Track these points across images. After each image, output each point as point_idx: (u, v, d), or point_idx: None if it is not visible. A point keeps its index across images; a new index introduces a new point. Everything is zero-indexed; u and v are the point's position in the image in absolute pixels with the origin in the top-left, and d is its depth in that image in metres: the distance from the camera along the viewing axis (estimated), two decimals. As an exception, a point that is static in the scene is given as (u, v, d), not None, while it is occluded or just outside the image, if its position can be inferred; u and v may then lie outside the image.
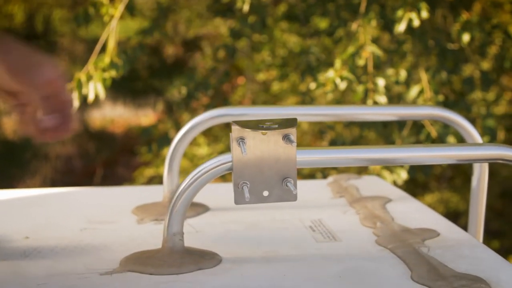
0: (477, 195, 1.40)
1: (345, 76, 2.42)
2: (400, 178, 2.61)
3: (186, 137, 1.37)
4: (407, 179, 2.66)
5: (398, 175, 2.61)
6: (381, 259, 1.06)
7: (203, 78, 3.14)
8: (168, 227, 1.03)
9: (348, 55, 2.47)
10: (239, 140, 0.99)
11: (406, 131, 2.73)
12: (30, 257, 1.09)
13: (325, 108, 1.46)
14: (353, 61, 2.46)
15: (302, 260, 1.06)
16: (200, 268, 1.01)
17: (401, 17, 2.48)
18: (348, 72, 2.43)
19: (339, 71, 2.43)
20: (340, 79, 2.42)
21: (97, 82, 2.49)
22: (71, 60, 5.02)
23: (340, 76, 2.42)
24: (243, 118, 1.38)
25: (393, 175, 2.61)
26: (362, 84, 2.52)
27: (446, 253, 1.08)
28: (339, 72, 2.43)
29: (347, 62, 2.45)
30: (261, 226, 1.27)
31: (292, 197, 1.02)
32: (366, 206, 1.37)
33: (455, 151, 1.04)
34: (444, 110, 1.41)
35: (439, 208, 4.36)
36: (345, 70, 2.43)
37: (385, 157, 1.03)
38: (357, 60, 2.46)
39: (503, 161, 1.02)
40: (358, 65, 2.49)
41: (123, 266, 1.03)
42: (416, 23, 2.45)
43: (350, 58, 2.46)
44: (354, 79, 2.43)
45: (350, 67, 2.45)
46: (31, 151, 5.20)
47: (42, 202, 1.46)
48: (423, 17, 2.46)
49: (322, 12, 3.13)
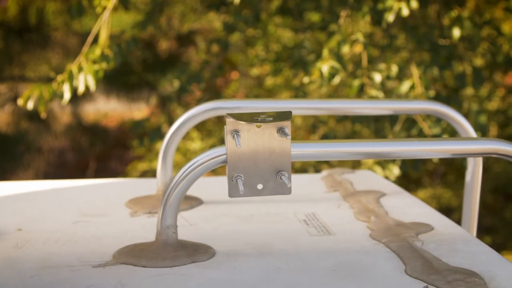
0: (471, 189, 1.40)
1: (332, 65, 2.41)
2: (392, 173, 2.61)
3: (180, 130, 1.36)
4: (399, 175, 2.66)
5: (390, 170, 2.61)
6: (375, 253, 1.06)
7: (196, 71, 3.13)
8: (162, 220, 1.03)
9: (334, 43, 2.46)
10: (234, 133, 0.99)
11: (399, 126, 2.72)
12: (22, 249, 1.09)
13: (319, 101, 1.46)
14: (339, 49, 2.45)
15: (296, 254, 1.06)
16: (194, 261, 1.01)
17: (390, 7, 2.47)
18: (335, 61, 2.42)
19: (326, 60, 2.43)
20: (327, 68, 2.41)
21: (87, 74, 2.47)
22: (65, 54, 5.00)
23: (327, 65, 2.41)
24: (237, 111, 1.37)
25: (385, 170, 2.61)
26: (357, 79, 2.52)
27: (440, 247, 1.08)
28: (326, 61, 2.42)
29: (333, 51, 2.45)
30: (255, 219, 1.27)
31: (287, 190, 1.01)
32: (360, 200, 1.37)
33: (450, 145, 1.04)
34: (439, 104, 1.41)
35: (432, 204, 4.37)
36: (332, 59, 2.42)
37: (381, 150, 1.02)
38: (343, 47, 2.45)
39: (498, 155, 1.02)
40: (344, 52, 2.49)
41: (116, 258, 1.03)
42: (405, 13, 2.44)
43: (336, 46, 2.45)
44: (340, 68, 2.42)
45: (337, 56, 2.44)
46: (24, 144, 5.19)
47: (35, 195, 1.45)
48: (412, 7, 2.45)
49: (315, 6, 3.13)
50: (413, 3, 2.45)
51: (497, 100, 4.22)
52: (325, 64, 2.40)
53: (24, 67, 5.18)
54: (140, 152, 4.61)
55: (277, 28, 3.84)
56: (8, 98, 5.14)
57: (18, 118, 5.15)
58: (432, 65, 2.75)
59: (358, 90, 2.49)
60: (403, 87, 2.61)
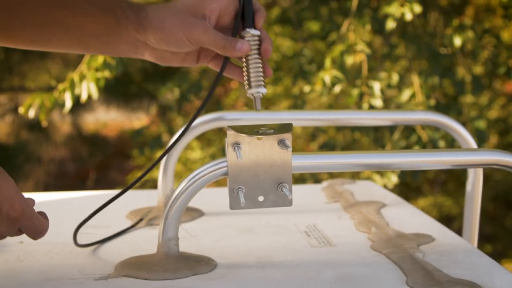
0: (471, 200, 1.40)
1: (335, 75, 2.41)
2: (390, 182, 2.61)
3: (181, 141, 1.36)
4: (398, 183, 2.67)
5: (388, 179, 2.61)
6: (376, 264, 1.06)
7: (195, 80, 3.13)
8: (163, 232, 1.03)
9: (337, 53, 2.46)
10: (234, 145, 0.99)
11: (397, 134, 2.73)
12: (24, 262, 1.09)
13: (319, 113, 1.46)
14: (342, 59, 2.46)
15: (297, 266, 1.06)
16: (195, 273, 1.01)
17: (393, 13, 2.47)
18: (338, 71, 2.42)
19: (328, 70, 2.43)
20: (329, 78, 2.41)
21: (90, 82, 2.47)
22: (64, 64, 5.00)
23: (329, 74, 2.41)
24: (237, 122, 1.37)
25: (384, 179, 2.61)
26: (357, 88, 2.52)
27: (441, 258, 1.08)
28: (328, 71, 2.43)
29: (336, 61, 2.45)
30: (256, 231, 1.27)
31: (288, 202, 1.02)
32: (361, 211, 1.37)
33: (450, 157, 1.04)
34: (438, 115, 1.41)
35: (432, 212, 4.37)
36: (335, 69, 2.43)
37: (381, 162, 1.03)
38: (346, 58, 2.46)
39: (498, 166, 1.02)
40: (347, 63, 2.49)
41: (118, 271, 1.03)
42: (408, 17, 2.44)
43: (339, 57, 2.46)
44: (343, 78, 2.43)
45: (340, 66, 2.44)
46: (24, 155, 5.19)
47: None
48: (415, 11, 2.45)
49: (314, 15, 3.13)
50: (416, 7, 2.44)
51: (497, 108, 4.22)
52: (328, 74, 2.40)
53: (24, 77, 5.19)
54: (140, 162, 4.60)
55: (276, 37, 3.84)
56: (8, 109, 5.15)
57: (18, 129, 5.15)
58: (432, 73, 2.76)
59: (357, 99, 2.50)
60: (404, 96, 2.61)
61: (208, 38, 1.00)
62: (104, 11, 1.01)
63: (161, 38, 1.01)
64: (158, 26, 1.00)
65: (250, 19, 1.03)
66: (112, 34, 1.02)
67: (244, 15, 1.03)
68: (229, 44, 1.00)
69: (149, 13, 1.01)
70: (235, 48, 1.01)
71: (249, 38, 1.03)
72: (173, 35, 1.00)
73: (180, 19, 1.00)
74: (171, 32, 1.00)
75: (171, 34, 1.00)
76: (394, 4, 2.49)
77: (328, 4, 3.11)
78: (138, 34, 1.01)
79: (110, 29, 1.02)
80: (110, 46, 1.05)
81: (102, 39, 1.03)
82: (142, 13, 1.01)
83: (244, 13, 1.03)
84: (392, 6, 2.49)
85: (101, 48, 1.07)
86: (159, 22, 1.00)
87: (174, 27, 1.00)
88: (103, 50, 1.07)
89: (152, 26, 1.00)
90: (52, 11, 1.01)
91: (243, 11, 1.03)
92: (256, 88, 1.03)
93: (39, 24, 1.03)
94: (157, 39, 1.01)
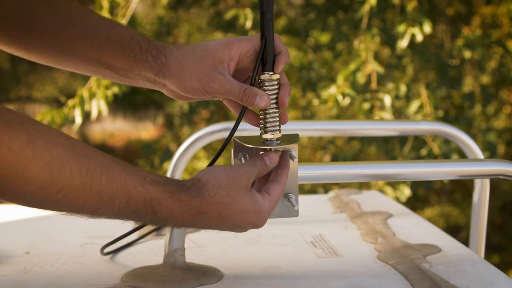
0: (478, 210, 1.40)
1: (347, 93, 2.42)
2: (403, 194, 2.60)
3: (188, 152, 1.37)
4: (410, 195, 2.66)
5: (401, 191, 2.61)
6: (382, 275, 1.06)
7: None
8: (170, 242, 1.03)
9: (349, 71, 2.47)
10: (241, 156, 0.99)
11: (408, 146, 2.73)
12: (30, 272, 1.09)
13: (327, 123, 1.46)
14: (354, 77, 2.47)
15: (303, 276, 1.06)
16: (202, 284, 1.01)
17: (403, 33, 2.48)
18: (350, 89, 2.43)
19: (341, 88, 2.44)
20: (342, 96, 2.43)
21: (100, 100, 2.50)
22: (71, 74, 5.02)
23: (342, 93, 2.42)
24: (244, 133, 1.37)
25: (396, 191, 2.61)
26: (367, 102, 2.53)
27: (448, 269, 1.07)
28: (341, 89, 2.44)
29: (348, 79, 2.46)
30: (262, 241, 1.27)
31: (294, 213, 1.01)
32: (367, 222, 1.37)
33: (456, 167, 1.04)
34: (446, 125, 1.41)
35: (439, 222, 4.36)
36: (347, 87, 2.44)
37: (387, 172, 1.03)
38: (358, 77, 2.47)
39: (505, 177, 1.02)
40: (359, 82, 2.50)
41: (124, 281, 1.03)
42: (419, 38, 2.45)
43: (351, 75, 2.46)
44: (355, 96, 2.44)
45: (352, 84, 2.45)
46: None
47: (43, 217, 1.46)
48: (425, 32, 2.46)
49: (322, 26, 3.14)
50: (426, 27, 2.45)
51: (503, 118, 4.22)
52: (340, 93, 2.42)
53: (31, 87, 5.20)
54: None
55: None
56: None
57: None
58: (441, 84, 2.76)
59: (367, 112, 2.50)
60: (412, 106, 2.61)
61: (225, 90, 0.99)
62: (123, 49, 1.00)
63: (178, 87, 1.00)
64: (177, 75, 0.99)
65: (271, 62, 1.00)
66: (131, 72, 1.02)
67: (265, 58, 1.01)
68: (247, 98, 0.99)
69: (168, 58, 1.00)
70: (253, 102, 0.99)
71: (267, 83, 1.00)
72: (191, 86, 0.99)
73: (198, 71, 0.99)
74: (189, 83, 0.99)
75: (189, 85, 0.99)
76: (403, 24, 2.49)
77: (335, 14, 3.11)
78: (156, 77, 1.01)
79: (129, 68, 1.01)
80: (127, 80, 1.05)
81: (120, 73, 1.03)
82: (161, 57, 1.00)
83: (265, 56, 1.01)
84: (401, 26, 2.50)
85: (118, 79, 1.06)
86: (178, 71, 0.99)
87: (191, 78, 0.99)
88: (120, 81, 1.07)
89: (171, 74, 1.00)
90: (72, 41, 1.01)
91: (263, 55, 1.00)
92: (272, 134, 1.01)
93: (59, 49, 1.03)
94: (175, 87, 1.00)
